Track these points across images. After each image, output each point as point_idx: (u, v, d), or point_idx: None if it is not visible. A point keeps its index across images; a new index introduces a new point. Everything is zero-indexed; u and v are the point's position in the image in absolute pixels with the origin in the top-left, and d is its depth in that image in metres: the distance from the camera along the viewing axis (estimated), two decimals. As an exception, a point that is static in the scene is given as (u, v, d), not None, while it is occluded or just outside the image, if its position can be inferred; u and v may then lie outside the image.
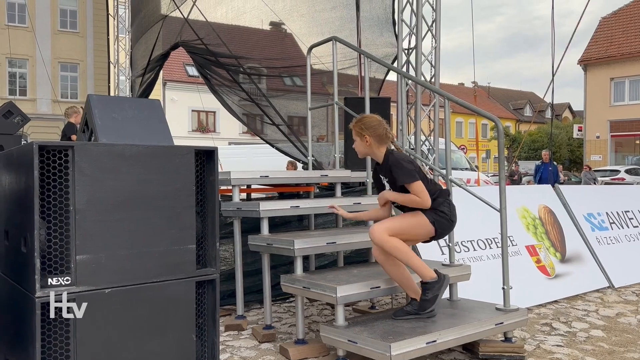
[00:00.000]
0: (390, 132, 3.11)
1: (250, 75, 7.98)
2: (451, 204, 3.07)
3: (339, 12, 6.31)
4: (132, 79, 11.51)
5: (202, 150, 2.57)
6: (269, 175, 3.99)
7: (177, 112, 30.44)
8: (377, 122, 3.08)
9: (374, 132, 3.05)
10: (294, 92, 7.98)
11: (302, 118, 7.79)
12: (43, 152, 2.11)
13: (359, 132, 3.11)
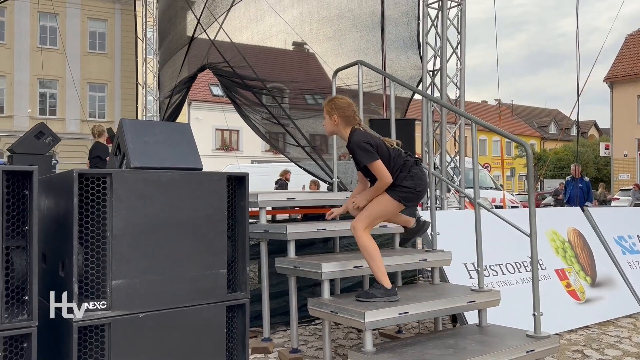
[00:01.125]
0: (358, 116, 3.24)
1: (274, 96, 8.09)
2: (415, 175, 3.11)
3: (364, 35, 6.38)
4: (159, 100, 11.76)
5: (234, 176, 2.61)
6: (295, 198, 4.02)
7: (201, 131, 30.88)
8: (347, 104, 3.22)
9: (342, 113, 3.18)
10: (316, 111, 8.06)
11: (325, 136, 7.85)
12: (82, 179, 2.18)
13: (329, 111, 3.24)
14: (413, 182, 3.10)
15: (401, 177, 3.09)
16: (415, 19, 5.79)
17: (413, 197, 3.13)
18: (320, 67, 7.55)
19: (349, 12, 6.58)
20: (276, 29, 7.49)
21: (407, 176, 3.09)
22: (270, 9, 7.35)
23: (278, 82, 8.43)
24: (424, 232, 3.43)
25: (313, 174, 7.88)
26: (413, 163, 3.17)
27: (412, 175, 3.10)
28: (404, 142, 4.86)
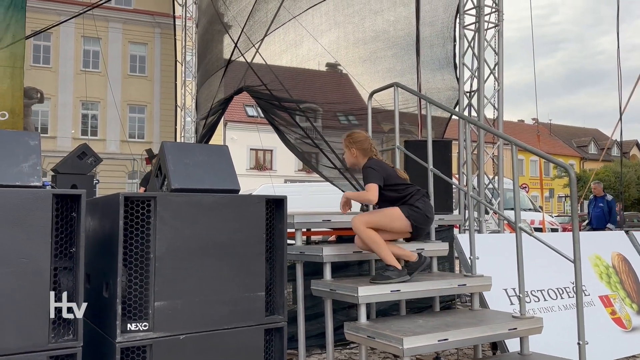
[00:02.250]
0: (375, 147, 3.52)
1: (308, 117, 8.16)
2: (427, 203, 3.36)
3: (399, 57, 6.40)
4: (196, 121, 12.02)
5: (272, 199, 2.64)
6: (331, 219, 4.01)
7: (236, 151, 31.26)
8: (364, 138, 3.54)
9: (360, 146, 3.50)
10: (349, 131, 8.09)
11: None
12: (127, 202, 2.24)
13: (348, 145, 3.55)
14: (424, 207, 3.31)
15: (414, 199, 3.31)
16: (451, 40, 5.78)
17: (421, 219, 3.31)
18: (353, 87, 7.58)
19: (384, 35, 6.62)
20: (314, 52, 7.59)
21: (420, 199, 3.31)
22: (308, 33, 7.47)
23: (312, 103, 8.52)
24: (425, 268, 3.48)
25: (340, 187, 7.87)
26: (425, 193, 3.40)
27: (424, 201, 3.34)
28: (441, 164, 4.83)
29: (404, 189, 3.33)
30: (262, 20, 8.50)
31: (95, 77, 24.28)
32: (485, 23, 5.26)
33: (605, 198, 10.62)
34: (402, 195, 3.32)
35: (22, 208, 1.98)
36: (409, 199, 3.29)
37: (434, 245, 3.90)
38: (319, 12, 7.37)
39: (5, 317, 1.90)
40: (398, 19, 6.40)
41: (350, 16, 6.96)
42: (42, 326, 1.96)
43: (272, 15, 8.16)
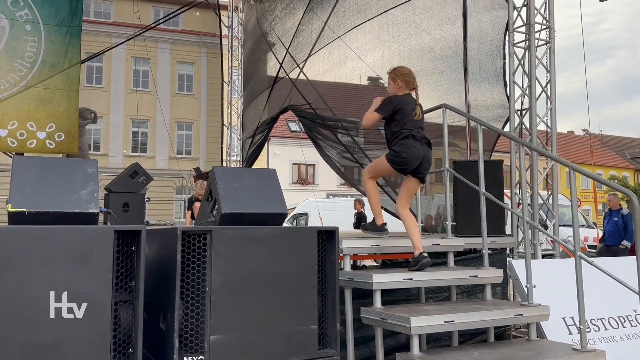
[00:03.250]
0: (416, 82, 3.87)
1: (351, 135, 8.14)
2: (404, 144, 3.67)
3: (446, 76, 6.32)
4: (242, 140, 12.23)
5: (324, 230, 2.63)
6: (379, 244, 3.98)
7: (279, 165, 31.57)
8: (408, 72, 3.91)
9: (404, 78, 3.84)
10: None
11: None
12: (185, 236, 2.28)
13: (394, 77, 3.89)
14: (400, 148, 3.68)
15: (392, 143, 3.75)
16: (501, 58, 5.66)
17: (398, 161, 3.69)
18: None
19: (430, 53, 6.56)
20: (357, 71, 7.61)
21: (397, 142, 3.70)
22: (352, 53, 7.50)
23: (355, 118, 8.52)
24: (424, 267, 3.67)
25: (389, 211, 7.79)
26: (407, 135, 3.70)
27: (401, 143, 3.68)
28: (492, 184, 4.71)
29: (398, 130, 3.71)
30: (306, 41, 8.60)
31: (145, 96, 25.14)
32: (535, 40, 5.14)
33: (620, 212, 9.48)
34: (392, 132, 3.76)
35: (86, 245, 2.05)
36: (389, 143, 3.78)
37: (487, 272, 3.80)
38: (363, 32, 7.39)
39: (68, 351, 1.96)
40: (445, 37, 6.33)
41: (395, 35, 6.94)
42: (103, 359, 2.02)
43: (316, 35, 8.25)
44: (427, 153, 3.76)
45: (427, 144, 3.79)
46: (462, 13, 5.93)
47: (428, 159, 3.78)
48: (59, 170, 3.83)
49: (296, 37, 8.82)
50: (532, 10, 5.14)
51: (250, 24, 11.40)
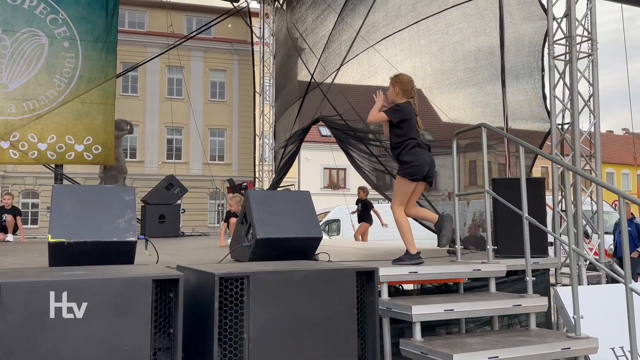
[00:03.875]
0: (414, 91, 4.13)
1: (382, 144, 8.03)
2: (413, 154, 3.93)
3: (481, 88, 6.16)
4: (275, 149, 12.26)
5: (363, 271, 2.56)
6: (417, 271, 3.89)
7: (310, 170, 31.71)
8: (408, 80, 4.12)
9: (403, 86, 4.06)
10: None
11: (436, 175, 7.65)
12: (222, 281, 2.25)
13: (394, 83, 4.12)
14: (411, 158, 3.90)
15: (402, 154, 3.96)
16: (539, 70, 5.47)
17: (412, 171, 3.90)
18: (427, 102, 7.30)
19: (464, 65, 6.41)
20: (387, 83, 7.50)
21: (406, 153, 3.92)
22: (382, 64, 7.40)
23: None
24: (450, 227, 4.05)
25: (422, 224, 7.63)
26: (415, 144, 3.96)
27: (411, 153, 3.92)
28: (533, 202, 4.55)
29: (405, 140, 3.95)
30: (336, 52, 8.56)
31: (179, 103, 25.52)
32: (577, 53, 4.95)
33: (634, 221, 8.97)
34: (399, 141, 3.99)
35: (124, 296, 2.04)
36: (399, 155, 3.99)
37: (531, 301, 3.66)
38: (393, 43, 7.29)
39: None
40: (480, 49, 6.18)
41: (427, 46, 6.81)
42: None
43: (347, 46, 8.19)
44: (432, 158, 4.09)
45: (428, 149, 4.10)
46: (499, 24, 5.77)
47: (434, 163, 4.10)
48: (98, 199, 3.89)
49: (327, 48, 8.79)
50: (572, 21, 4.95)
51: (281, 35, 11.43)
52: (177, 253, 5.61)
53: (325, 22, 8.83)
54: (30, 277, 2.04)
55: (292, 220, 4.32)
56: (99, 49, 11.66)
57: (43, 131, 11.09)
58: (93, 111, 11.54)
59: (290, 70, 10.65)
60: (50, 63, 11.34)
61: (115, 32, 12.01)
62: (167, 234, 10.34)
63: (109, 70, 11.81)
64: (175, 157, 26.82)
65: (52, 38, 11.40)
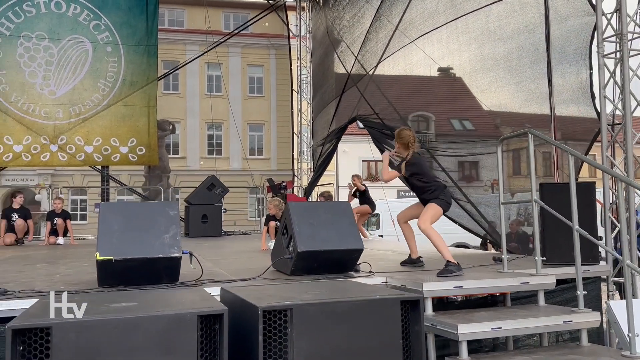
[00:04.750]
0: (416, 144, 4.74)
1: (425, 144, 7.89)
2: (447, 193, 4.67)
3: (524, 87, 5.95)
4: (313, 147, 12.26)
5: (407, 300, 2.52)
6: (463, 286, 3.81)
7: (348, 163, 31.58)
8: (405, 135, 4.71)
9: (401, 141, 4.71)
10: (465, 137, 7.72)
11: (473, 163, 7.43)
12: (265, 314, 2.26)
13: (395, 139, 4.81)
14: (445, 197, 4.55)
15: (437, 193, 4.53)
16: (587, 69, 5.22)
17: (446, 206, 4.58)
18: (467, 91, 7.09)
19: (505, 63, 6.19)
20: (423, 95, 7.40)
21: (441, 193, 4.54)
22: (419, 62, 7.26)
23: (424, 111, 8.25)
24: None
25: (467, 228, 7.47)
26: (444, 186, 4.74)
27: (444, 193, 4.59)
28: (584, 207, 4.37)
29: (429, 182, 4.61)
30: (373, 50, 8.45)
31: (218, 100, 25.84)
32: (628, 50, 4.70)
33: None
34: (427, 187, 4.57)
35: (171, 333, 2.07)
36: (435, 190, 4.56)
37: (583, 316, 3.52)
38: (431, 41, 7.12)
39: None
40: (522, 46, 5.95)
41: (466, 44, 6.63)
42: None
43: (384, 44, 8.07)
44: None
45: None
46: (544, 21, 5.54)
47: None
48: (143, 215, 3.97)
49: (364, 46, 8.69)
50: (624, 18, 4.71)
51: (319, 33, 11.38)
52: (220, 260, 5.69)
53: (363, 20, 8.73)
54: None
55: (333, 232, 4.30)
56: (141, 52, 11.90)
57: (89, 134, 11.45)
58: (136, 113, 11.83)
59: (327, 69, 10.61)
60: (94, 68, 11.67)
61: (155, 35, 12.23)
62: (210, 233, 10.54)
63: (150, 73, 12.05)
64: (215, 153, 27.23)
65: (96, 44, 11.72)
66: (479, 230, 6.98)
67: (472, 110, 7.35)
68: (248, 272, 4.49)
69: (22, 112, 11.05)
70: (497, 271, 4.48)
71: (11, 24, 11.17)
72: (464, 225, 7.12)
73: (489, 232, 6.90)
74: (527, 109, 6.22)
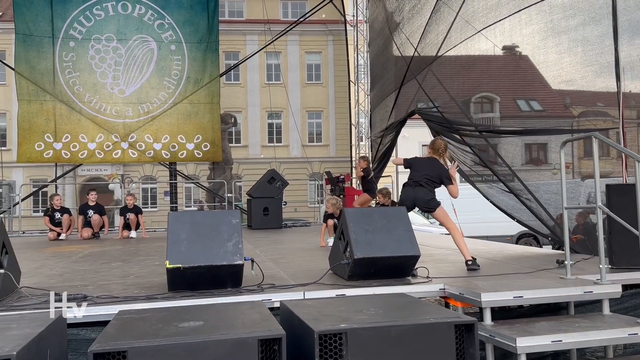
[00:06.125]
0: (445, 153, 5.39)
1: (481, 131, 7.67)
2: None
3: (589, 82, 5.69)
4: (371, 139, 12.25)
5: (462, 323, 2.54)
6: (523, 296, 3.76)
7: (408, 148, 31.20)
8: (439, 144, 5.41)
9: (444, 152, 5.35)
10: (533, 118, 7.43)
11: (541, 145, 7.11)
12: (321, 336, 2.36)
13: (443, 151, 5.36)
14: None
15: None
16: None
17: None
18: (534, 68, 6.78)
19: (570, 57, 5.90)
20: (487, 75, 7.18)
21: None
22: (481, 55, 7.07)
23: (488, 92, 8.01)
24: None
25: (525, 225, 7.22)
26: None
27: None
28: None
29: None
30: (433, 42, 8.30)
31: (277, 88, 26.09)
32: None
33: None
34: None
35: (233, 357, 2.21)
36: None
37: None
38: (493, 33, 6.90)
39: None
40: (587, 39, 5.67)
41: (529, 36, 6.38)
42: None
43: (443, 37, 7.90)
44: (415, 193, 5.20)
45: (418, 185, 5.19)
46: (612, 12, 5.26)
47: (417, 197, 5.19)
48: (207, 223, 4.19)
49: (424, 37, 8.55)
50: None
51: (377, 23, 11.28)
52: (280, 259, 5.88)
53: (423, 11, 8.58)
54: (151, 334, 2.28)
55: (389, 239, 4.35)
56: (203, 49, 12.27)
57: (158, 132, 12.00)
58: (201, 111, 12.26)
59: (387, 60, 10.52)
60: (159, 66, 12.16)
61: (216, 31, 12.56)
62: (271, 225, 10.84)
63: (213, 69, 12.41)
64: (275, 141, 27.69)
65: (160, 42, 12.19)
66: (542, 229, 6.78)
67: (539, 89, 7.03)
68: (307, 274, 4.63)
69: (94, 112, 11.73)
70: (559, 277, 4.38)
71: (83, 27, 11.82)
72: (524, 222, 6.93)
73: (552, 230, 6.68)
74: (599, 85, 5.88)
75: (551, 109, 7.12)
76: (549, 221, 6.55)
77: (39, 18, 11.45)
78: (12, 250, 4.05)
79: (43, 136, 11.39)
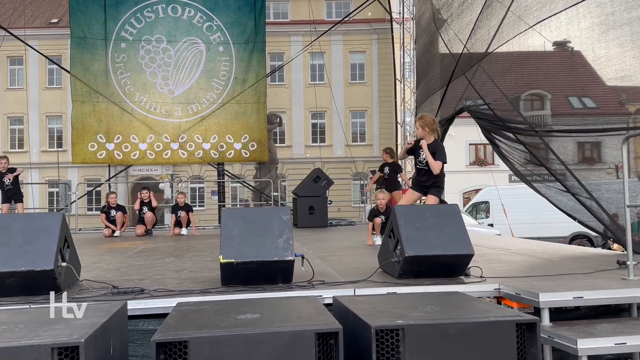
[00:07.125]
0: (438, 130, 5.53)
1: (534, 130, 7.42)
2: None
3: None
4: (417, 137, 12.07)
5: (523, 322, 2.47)
6: (583, 296, 3.62)
7: (454, 147, 30.63)
8: (432, 121, 5.48)
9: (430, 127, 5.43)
10: (586, 116, 7.14)
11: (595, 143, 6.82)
12: (378, 332, 2.34)
13: (422, 125, 5.45)
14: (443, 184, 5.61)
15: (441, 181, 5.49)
16: None
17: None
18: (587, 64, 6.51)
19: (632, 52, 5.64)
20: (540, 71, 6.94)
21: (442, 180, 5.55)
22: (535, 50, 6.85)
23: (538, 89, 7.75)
24: None
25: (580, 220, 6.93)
26: None
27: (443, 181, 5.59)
28: None
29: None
30: (484, 38, 8.10)
31: (321, 88, 26.24)
32: None
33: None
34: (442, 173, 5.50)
35: (291, 349, 2.22)
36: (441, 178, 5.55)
37: None
38: (548, 28, 6.67)
39: None
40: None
41: (587, 30, 6.13)
42: None
43: (493, 32, 7.70)
44: None
45: None
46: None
47: None
48: (259, 220, 4.24)
49: (473, 34, 8.36)
50: None
51: (423, 19, 11.13)
52: (328, 257, 5.88)
53: (473, 7, 8.40)
54: (210, 325, 2.32)
55: (441, 237, 4.27)
56: (250, 50, 12.44)
57: (206, 132, 12.26)
58: (248, 111, 12.43)
59: (433, 57, 10.36)
60: (208, 68, 12.42)
61: (263, 32, 12.71)
62: (317, 224, 10.88)
63: (259, 70, 12.57)
64: (319, 141, 27.78)
65: (209, 44, 12.44)
66: (597, 227, 6.50)
67: (593, 86, 6.77)
68: (356, 272, 4.61)
69: (145, 111, 12.08)
70: (621, 278, 4.20)
71: (134, 29, 12.20)
72: (581, 220, 6.66)
73: (610, 227, 6.40)
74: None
75: (605, 106, 6.85)
76: (608, 221, 6.29)
77: (92, 21, 11.90)
78: (73, 245, 4.22)
79: (96, 136, 11.82)
